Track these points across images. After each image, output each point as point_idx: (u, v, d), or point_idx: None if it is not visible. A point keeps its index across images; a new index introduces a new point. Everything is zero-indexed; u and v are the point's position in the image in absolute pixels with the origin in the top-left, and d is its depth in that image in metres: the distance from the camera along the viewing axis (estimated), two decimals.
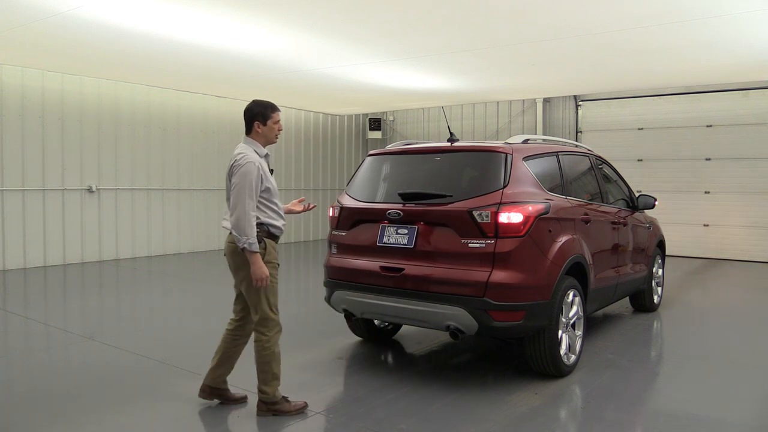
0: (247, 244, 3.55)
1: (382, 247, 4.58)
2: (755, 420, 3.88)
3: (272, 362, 3.71)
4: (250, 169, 3.60)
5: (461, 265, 4.19)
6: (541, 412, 3.87)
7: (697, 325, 6.50)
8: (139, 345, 5.37)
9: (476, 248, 4.15)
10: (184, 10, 6.44)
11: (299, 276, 10.34)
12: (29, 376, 4.68)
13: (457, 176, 4.61)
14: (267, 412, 3.76)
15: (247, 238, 3.54)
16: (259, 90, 11.48)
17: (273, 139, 3.86)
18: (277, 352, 3.75)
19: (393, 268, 4.46)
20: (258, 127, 3.78)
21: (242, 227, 3.54)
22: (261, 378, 3.75)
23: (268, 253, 3.71)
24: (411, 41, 7.82)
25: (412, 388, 4.30)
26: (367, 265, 4.63)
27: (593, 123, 12.87)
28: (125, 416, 3.79)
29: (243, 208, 3.55)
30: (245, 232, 3.54)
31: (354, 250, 4.79)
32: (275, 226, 3.79)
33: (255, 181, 3.60)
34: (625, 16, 6.53)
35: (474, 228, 4.17)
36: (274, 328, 3.74)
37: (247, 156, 3.65)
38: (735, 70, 9.59)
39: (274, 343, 3.72)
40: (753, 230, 11.15)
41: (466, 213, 4.20)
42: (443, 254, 4.29)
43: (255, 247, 3.56)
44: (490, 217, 4.14)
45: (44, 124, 9.94)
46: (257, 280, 3.59)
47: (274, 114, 3.81)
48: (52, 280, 8.95)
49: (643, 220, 6.55)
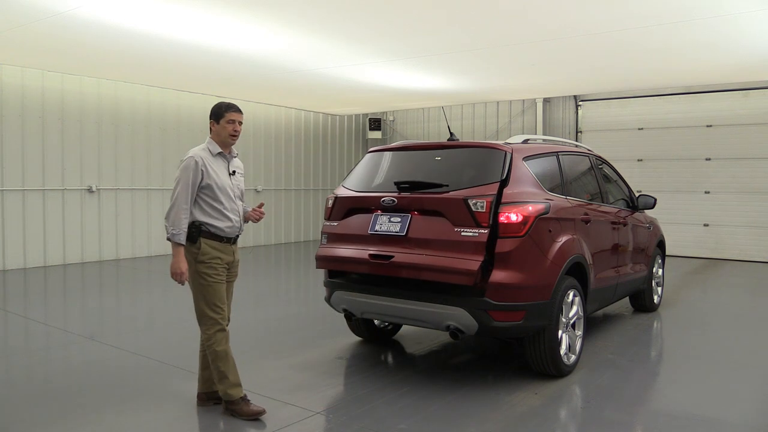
0: (170, 234, 3.60)
1: (373, 236, 4.51)
2: (755, 420, 3.88)
3: (216, 361, 3.68)
4: (189, 164, 3.64)
5: (453, 253, 4.11)
6: (541, 412, 3.87)
7: (697, 325, 6.50)
8: (139, 345, 5.37)
9: (469, 237, 4.09)
10: (184, 10, 6.44)
11: (299, 276, 10.35)
12: (29, 376, 4.68)
13: (456, 170, 4.56)
14: (226, 412, 3.76)
15: (172, 229, 3.59)
16: (259, 90, 11.49)
17: (227, 139, 3.79)
18: (220, 351, 3.68)
19: (382, 256, 4.37)
20: (212, 125, 3.80)
21: (171, 218, 3.61)
22: (214, 376, 3.76)
23: (204, 252, 3.67)
24: (411, 41, 7.82)
25: (412, 388, 4.30)
26: (355, 253, 4.54)
27: (593, 123, 12.87)
28: (125, 416, 3.79)
29: (176, 200, 3.61)
30: (172, 223, 3.60)
31: (344, 239, 4.71)
32: (215, 227, 3.71)
33: (192, 176, 3.62)
34: (625, 16, 6.53)
35: (468, 217, 4.13)
36: (213, 327, 3.69)
37: (190, 153, 3.71)
38: (735, 70, 9.59)
39: (215, 341, 3.67)
40: (753, 230, 11.15)
41: (462, 201, 4.16)
42: (435, 242, 4.22)
43: (178, 239, 3.59)
44: (485, 207, 4.09)
45: (44, 124, 9.94)
46: (173, 274, 3.61)
47: (227, 113, 3.76)
48: (52, 280, 8.94)
49: (643, 220, 6.55)
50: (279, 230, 14.09)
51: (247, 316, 6.63)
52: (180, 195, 3.61)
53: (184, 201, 3.61)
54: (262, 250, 12.81)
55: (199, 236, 3.66)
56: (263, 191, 13.60)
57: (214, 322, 3.70)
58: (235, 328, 5.67)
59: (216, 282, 3.71)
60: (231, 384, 3.71)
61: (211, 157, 3.75)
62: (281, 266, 11.45)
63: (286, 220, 14.30)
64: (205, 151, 3.76)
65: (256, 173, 13.51)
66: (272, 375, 4.58)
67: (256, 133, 13.41)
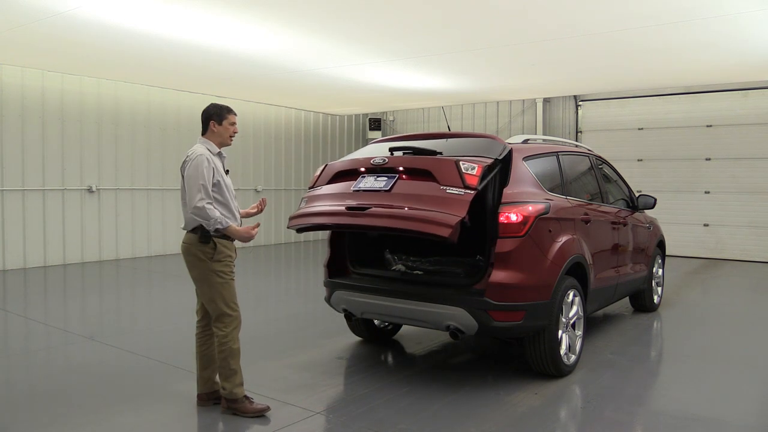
0: (218, 224, 3.60)
1: (356, 192, 4.36)
2: (755, 420, 3.88)
3: (230, 358, 3.71)
4: (201, 161, 3.65)
5: (434, 207, 3.93)
6: (541, 412, 3.87)
7: (697, 325, 6.50)
8: (139, 345, 5.37)
9: (454, 194, 3.93)
10: (184, 10, 6.44)
11: (299, 276, 10.35)
12: (29, 376, 4.68)
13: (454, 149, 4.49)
14: (227, 410, 3.77)
15: (214, 220, 3.58)
16: (259, 90, 11.49)
17: (227, 141, 3.87)
18: (236, 348, 3.74)
19: (359, 207, 4.20)
20: (213, 126, 3.82)
21: (202, 215, 3.59)
22: (221, 373, 3.77)
23: (219, 252, 3.70)
24: (411, 41, 7.82)
25: (412, 388, 4.30)
26: (332, 208, 4.35)
27: (593, 123, 12.87)
28: (125, 416, 3.79)
29: (198, 198, 3.58)
30: (207, 217, 3.58)
31: (324, 198, 4.50)
32: None
33: (206, 172, 3.63)
34: (626, 16, 6.53)
35: (457, 177, 3.97)
36: (231, 324, 3.74)
37: (197, 151, 3.73)
38: (735, 70, 9.59)
39: (231, 339, 3.72)
40: (753, 230, 11.15)
41: (453, 163, 4.04)
42: (418, 197, 4.05)
43: (225, 222, 3.63)
44: (476, 171, 3.97)
45: (44, 124, 9.94)
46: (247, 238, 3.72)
47: (229, 115, 3.86)
48: (52, 280, 8.94)
49: (643, 220, 6.55)
50: (279, 230, 14.08)
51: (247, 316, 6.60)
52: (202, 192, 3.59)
53: (207, 195, 3.61)
54: (262, 250, 12.81)
55: (211, 236, 3.69)
56: (263, 191, 13.60)
57: (232, 319, 3.76)
58: None
59: (232, 280, 3.79)
60: (238, 383, 3.75)
61: (212, 155, 3.79)
62: (281, 266, 11.45)
63: (286, 220, 14.29)
64: (206, 150, 3.78)
65: (256, 173, 13.51)
66: (272, 375, 4.58)
67: (256, 133, 13.41)
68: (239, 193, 12.94)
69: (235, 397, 3.74)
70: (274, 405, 3.91)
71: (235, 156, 13.02)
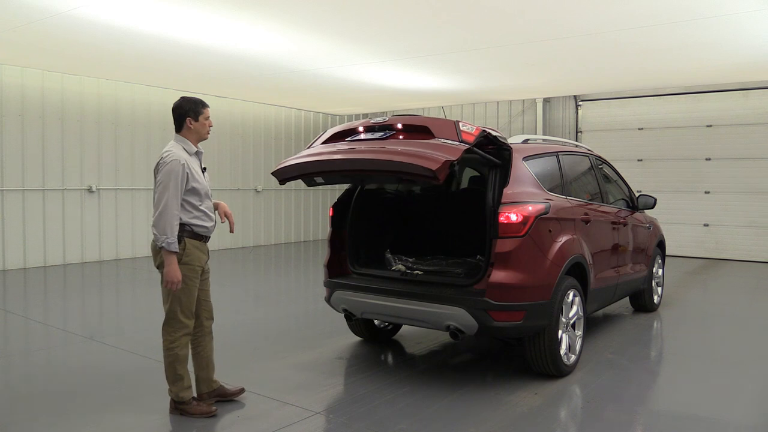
0: (165, 243, 3.49)
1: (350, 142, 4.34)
2: (755, 420, 3.88)
3: (176, 363, 3.69)
4: (175, 167, 3.54)
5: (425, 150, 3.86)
6: (541, 412, 3.87)
7: (696, 325, 6.50)
8: (139, 345, 5.37)
9: (446, 144, 3.91)
10: (184, 10, 6.44)
11: (299, 276, 10.35)
12: (29, 376, 4.68)
13: None
14: (175, 411, 3.78)
15: (166, 237, 3.48)
16: (259, 90, 11.50)
17: (205, 135, 3.81)
18: (183, 355, 3.70)
19: (350, 149, 4.17)
20: (190, 123, 3.73)
21: (162, 226, 3.49)
22: (166, 376, 3.75)
23: (188, 254, 3.63)
24: (411, 41, 7.82)
25: (412, 388, 4.30)
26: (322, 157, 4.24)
27: (593, 123, 12.87)
28: (125, 416, 3.79)
29: (165, 206, 3.50)
30: (164, 231, 3.49)
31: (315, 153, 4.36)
32: (201, 227, 3.71)
33: (180, 179, 3.54)
34: (626, 16, 6.53)
35: (453, 132, 3.98)
36: (180, 331, 3.68)
37: (172, 154, 3.60)
38: (735, 70, 9.59)
39: (179, 345, 3.69)
40: (753, 230, 11.15)
41: (452, 122, 4.05)
42: (411, 143, 4.02)
43: (173, 247, 3.50)
44: (473, 131, 4.01)
45: (44, 124, 9.94)
46: (168, 282, 3.54)
47: (204, 110, 3.77)
48: (52, 280, 8.94)
49: (643, 220, 6.55)
50: (279, 230, 14.09)
51: (247, 316, 6.64)
52: (170, 201, 3.51)
53: (175, 207, 3.52)
54: (262, 250, 12.81)
55: (182, 237, 3.62)
56: (263, 191, 13.60)
57: (183, 326, 3.70)
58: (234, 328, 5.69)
59: (194, 287, 3.71)
60: (185, 386, 3.75)
61: (189, 156, 3.70)
62: (281, 266, 11.45)
63: (286, 220, 14.30)
64: (182, 151, 3.67)
65: (256, 173, 13.50)
66: (272, 375, 4.58)
67: (257, 133, 13.41)
68: (240, 193, 12.97)
69: (183, 399, 3.75)
70: (275, 405, 3.92)
71: (235, 156, 13.03)
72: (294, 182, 14.91)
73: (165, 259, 3.53)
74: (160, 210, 3.51)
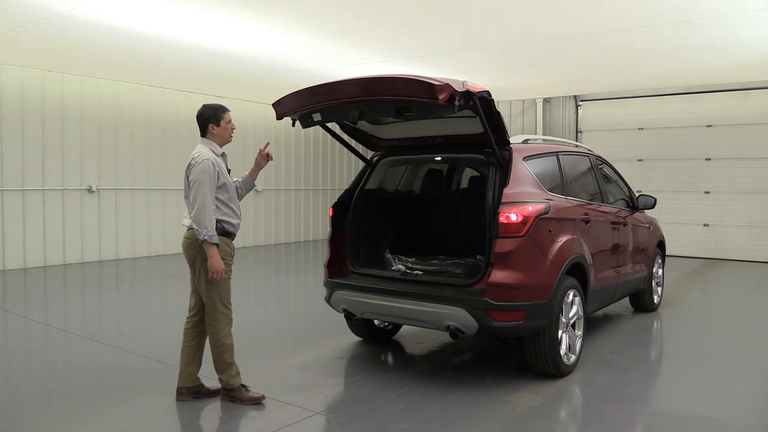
0: (207, 236, 3.70)
1: None
2: (755, 420, 3.88)
3: (224, 353, 3.90)
4: (207, 165, 3.77)
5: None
6: (541, 412, 3.87)
7: (696, 325, 6.50)
8: (138, 345, 5.37)
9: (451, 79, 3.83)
10: (185, 10, 6.44)
11: (299, 276, 10.35)
12: (29, 376, 4.68)
13: None
14: (226, 397, 3.98)
15: (207, 231, 3.70)
16: (259, 90, 11.49)
17: (228, 138, 4.03)
18: (228, 344, 3.93)
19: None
20: (212, 128, 3.95)
21: (202, 221, 3.70)
22: (216, 366, 3.96)
23: (221, 249, 3.82)
24: (411, 41, 7.82)
25: (412, 388, 4.30)
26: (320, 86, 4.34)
27: (593, 123, 12.87)
28: (125, 416, 3.79)
29: (202, 202, 3.71)
30: (204, 225, 3.70)
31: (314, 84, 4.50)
32: (230, 224, 3.92)
33: (212, 177, 3.77)
34: (626, 16, 6.53)
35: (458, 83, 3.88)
36: (223, 321, 3.90)
37: (203, 154, 3.83)
38: (735, 70, 9.59)
39: (224, 335, 3.90)
40: (753, 230, 11.15)
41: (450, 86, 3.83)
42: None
43: (214, 239, 3.72)
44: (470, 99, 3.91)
45: (44, 124, 9.94)
46: (213, 272, 3.74)
47: (225, 114, 4.00)
48: (52, 280, 8.94)
49: (643, 220, 6.55)
50: (279, 230, 14.08)
51: (247, 316, 6.63)
52: (207, 196, 3.72)
53: (210, 201, 3.75)
54: (262, 250, 12.81)
55: (218, 234, 3.80)
56: (263, 191, 13.60)
57: (225, 317, 3.92)
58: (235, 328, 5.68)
59: (230, 279, 3.92)
60: (234, 373, 3.95)
61: (216, 157, 3.91)
62: (281, 266, 11.45)
63: (286, 220, 14.30)
64: (211, 152, 3.89)
65: None
66: (272, 375, 4.58)
67: (257, 133, 13.40)
68: None
69: (233, 387, 3.93)
70: (274, 405, 3.92)
71: (236, 156, 12.99)
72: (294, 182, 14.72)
73: (207, 251, 3.73)
74: (197, 206, 3.73)
